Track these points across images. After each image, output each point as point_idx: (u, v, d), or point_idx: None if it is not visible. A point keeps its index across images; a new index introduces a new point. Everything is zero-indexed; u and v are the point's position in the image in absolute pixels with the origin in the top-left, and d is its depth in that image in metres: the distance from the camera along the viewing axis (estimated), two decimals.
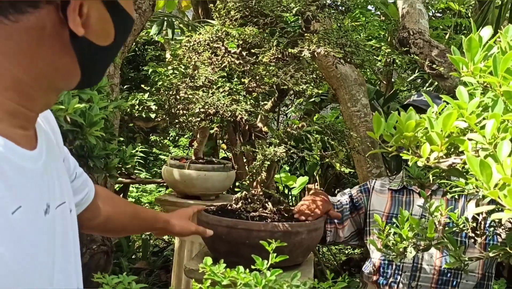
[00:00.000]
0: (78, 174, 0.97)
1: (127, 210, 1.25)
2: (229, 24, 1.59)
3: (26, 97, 0.65)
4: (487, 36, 0.93)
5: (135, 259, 3.76)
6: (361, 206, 2.04)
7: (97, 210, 1.10)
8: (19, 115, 0.66)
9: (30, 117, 0.68)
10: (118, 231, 1.35)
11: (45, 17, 0.62)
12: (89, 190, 1.02)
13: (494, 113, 0.79)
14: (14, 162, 0.63)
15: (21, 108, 0.65)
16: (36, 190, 0.67)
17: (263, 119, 1.67)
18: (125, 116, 2.90)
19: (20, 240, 0.61)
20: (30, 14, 0.61)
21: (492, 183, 0.70)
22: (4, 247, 0.58)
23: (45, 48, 0.64)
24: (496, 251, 1.16)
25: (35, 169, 0.68)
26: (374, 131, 0.90)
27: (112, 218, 1.17)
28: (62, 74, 0.68)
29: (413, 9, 2.19)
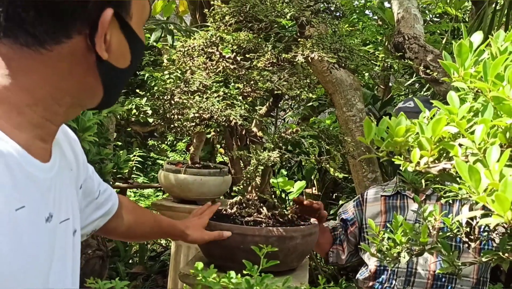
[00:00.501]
0: (102, 190, 1.09)
1: (148, 219, 1.37)
2: (224, 29, 1.59)
3: (52, 112, 0.76)
4: (478, 41, 0.94)
5: (132, 263, 3.75)
6: (354, 220, 2.06)
7: (120, 220, 1.21)
8: (43, 128, 0.75)
9: (51, 130, 0.78)
10: (139, 238, 1.51)
11: (76, 45, 0.73)
12: (113, 203, 1.14)
13: (483, 118, 0.79)
14: (26, 169, 0.71)
15: (45, 122, 0.75)
16: (41, 197, 0.75)
17: (258, 124, 1.67)
18: (121, 121, 2.90)
19: (20, 238, 0.68)
20: (63, 43, 0.72)
21: (481, 188, 0.70)
22: (4, 238, 0.64)
23: (74, 71, 0.75)
24: (489, 256, 1.16)
25: (44, 179, 0.76)
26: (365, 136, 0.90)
27: (134, 226, 1.28)
28: (87, 93, 0.79)
29: (408, 14, 2.20)
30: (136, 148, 4.65)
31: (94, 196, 1.06)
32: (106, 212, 1.12)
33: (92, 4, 0.72)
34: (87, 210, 1.05)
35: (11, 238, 0.65)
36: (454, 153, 0.80)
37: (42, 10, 0.70)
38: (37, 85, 0.73)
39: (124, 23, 0.77)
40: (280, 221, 1.62)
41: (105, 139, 1.50)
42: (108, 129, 1.68)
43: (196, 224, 1.49)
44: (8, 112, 0.71)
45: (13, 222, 0.66)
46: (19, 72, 0.72)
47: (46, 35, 0.71)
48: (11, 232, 0.66)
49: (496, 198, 0.64)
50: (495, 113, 0.82)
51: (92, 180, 1.04)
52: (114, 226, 1.19)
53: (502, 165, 0.69)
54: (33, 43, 0.71)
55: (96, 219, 1.10)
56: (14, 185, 0.68)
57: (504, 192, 0.64)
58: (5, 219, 0.65)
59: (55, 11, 0.70)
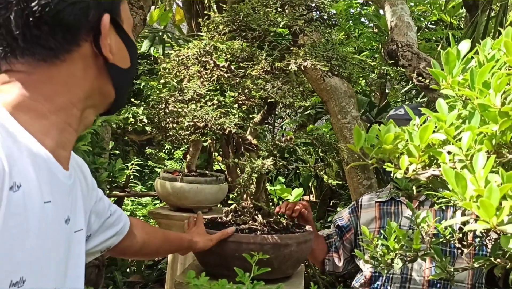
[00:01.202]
0: (112, 211, 1.17)
1: (158, 235, 1.42)
2: (218, 38, 1.61)
3: (71, 116, 0.84)
4: (466, 49, 0.95)
5: (129, 272, 3.74)
6: (350, 227, 2.07)
7: (133, 238, 1.28)
8: (65, 133, 0.84)
9: (71, 135, 0.86)
10: (152, 254, 1.53)
11: (85, 52, 0.83)
12: (125, 222, 1.22)
13: (470, 125, 0.80)
14: (51, 169, 0.80)
15: (67, 127, 0.84)
16: (62, 199, 0.83)
17: (252, 132, 1.68)
18: (118, 130, 2.91)
19: (46, 228, 0.76)
20: (74, 51, 0.81)
21: (467, 194, 0.71)
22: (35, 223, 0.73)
23: (87, 75, 0.84)
24: (481, 261, 1.17)
25: (65, 184, 0.84)
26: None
27: (146, 243, 1.34)
28: (101, 94, 0.88)
29: (401, 22, 2.21)
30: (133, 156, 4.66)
31: (107, 216, 1.14)
32: (118, 231, 1.18)
33: (92, 13, 0.82)
34: (99, 230, 1.13)
35: (40, 225, 0.74)
36: (442, 159, 0.81)
37: (53, 24, 0.79)
38: (57, 93, 0.82)
39: (119, 27, 0.87)
40: (275, 228, 1.62)
41: (100, 149, 1.51)
42: (103, 139, 1.69)
43: (198, 231, 1.53)
44: (35, 118, 0.79)
45: (43, 212, 0.75)
46: (40, 84, 0.81)
47: (59, 47, 0.80)
48: (41, 220, 0.74)
49: (481, 203, 0.65)
50: (482, 120, 0.83)
51: (103, 202, 1.12)
52: (128, 244, 1.26)
53: (487, 171, 0.70)
54: (49, 57, 0.80)
55: (110, 237, 1.16)
56: (43, 181, 0.76)
57: (489, 198, 0.65)
58: (37, 207, 0.74)
59: (63, 24, 0.79)
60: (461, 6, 4.11)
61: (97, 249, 1.14)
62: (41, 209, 0.75)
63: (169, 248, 1.51)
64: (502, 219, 0.65)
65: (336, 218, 2.15)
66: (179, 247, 1.52)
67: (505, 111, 0.76)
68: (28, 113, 0.79)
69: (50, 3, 0.78)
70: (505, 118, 0.76)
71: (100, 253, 1.18)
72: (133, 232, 1.27)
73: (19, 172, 0.72)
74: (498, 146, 0.81)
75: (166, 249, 1.51)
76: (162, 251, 1.53)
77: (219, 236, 1.49)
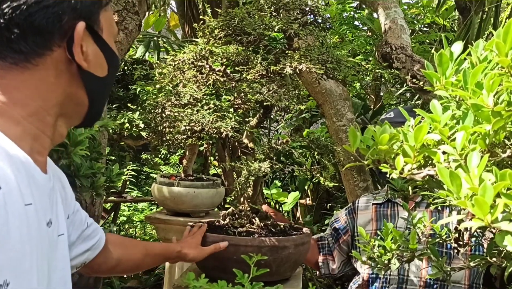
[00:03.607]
0: (89, 223, 1.16)
1: (138, 250, 1.40)
2: (213, 42, 1.62)
3: (45, 123, 0.83)
4: (458, 51, 0.96)
5: (126, 278, 3.74)
6: (347, 228, 2.08)
7: (109, 253, 1.26)
8: (38, 139, 0.83)
9: (45, 142, 0.85)
10: (132, 270, 1.50)
11: (58, 57, 0.81)
12: (100, 237, 1.20)
13: (464, 125, 0.82)
14: (30, 172, 0.79)
15: (40, 134, 0.83)
16: (43, 201, 0.82)
17: (249, 136, 1.69)
18: (114, 135, 2.91)
19: (29, 229, 0.75)
20: (47, 56, 0.80)
21: (462, 192, 0.72)
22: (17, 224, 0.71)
23: (60, 81, 0.83)
24: (477, 261, 1.18)
25: (44, 186, 0.84)
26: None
27: (123, 259, 1.33)
28: (74, 102, 0.86)
29: (395, 25, 2.23)
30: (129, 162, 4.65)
31: (83, 227, 1.13)
32: (94, 245, 1.17)
33: (66, 18, 0.80)
34: (77, 242, 1.12)
35: (21, 227, 0.73)
36: (437, 159, 0.83)
37: (24, 27, 0.77)
38: (29, 99, 0.81)
39: (97, 35, 0.86)
40: (273, 231, 1.63)
41: (97, 154, 1.51)
42: (100, 144, 1.69)
43: (191, 242, 1.51)
44: (8, 123, 0.78)
45: (24, 214, 0.74)
46: (12, 89, 0.80)
47: (30, 50, 0.79)
48: (22, 222, 0.73)
49: (475, 201, 0.66)
50: (476, 120, 0.84)
51: (80, 213, 1.12)
52: (103, 260, 1.24)
53: (481, 170, 0.71)
54: (21, 60, 0.79)
55: (86, 250, 1.15)
56: (22, 183, 0.75)
57: (483, 196, 0.66)
58: (19, 208, 0.73)
59: (35, 27, 0.78)
60: (454, 8, 4.14)
61: (73, 263, 1.12)
62: (22, 211, 0.74)
63: (153, 261, 1.48)
64: (496, 217, 0.66)
65: (333, 220, 2.16)
66: (166, 258, 1.52)
67: (497, 111, 0.77)
68: (2, 118, 0.78)
69: (22, 6, 0.77)
70: (498, 118, 0.77)
71: (75, 268, 1.16)
72: (108, 247, 1.26)
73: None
74: (492, 145, 0.82)
75: (149, 263, 1.46)
76: (144, 266, 1.47)
77: (212, 249, 1.49)
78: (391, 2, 2.38)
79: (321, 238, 2.12)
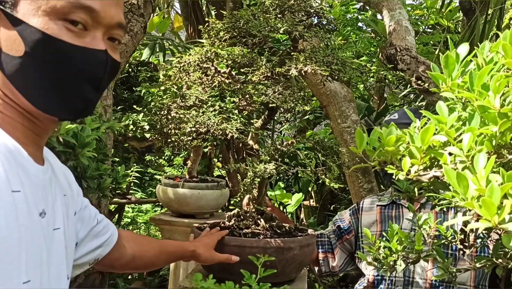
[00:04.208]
0: (99, 219, 1.14)
1: (153, 247, 1.39)
2: (219, 44, 1.62)
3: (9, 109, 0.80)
4: (464, 53, 0.97)
5: (131, 279, 3.74)
6: (351, 229, 2.07)
7: (123, 249, 1.25)
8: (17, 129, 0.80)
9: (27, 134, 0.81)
10: (147, 267, 1.47)
11: None
12: (112, 233, 1.18)
13: (470, 127, 0.82)
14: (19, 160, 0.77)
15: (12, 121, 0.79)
16: (34, 191, 0.79)
17: (253, 137, 1.70)
18: (119, 136, 2.92)
19: (17, 217, 0.73)
20: None
21: (469, 194, 0.72)
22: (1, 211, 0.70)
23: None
24: (483, 262, 1.18)
25: (37, 176, 0.81)
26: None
27: (138, 255, 1.31)
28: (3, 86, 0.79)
29: (399, 27, 2.24)
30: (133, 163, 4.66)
31: (93, 224, 1.12)
32: (106, 241, 1.16)
33: None
34: (86, 238, 1.11)
35: (7, 213, 0.71)
36: (443, 160, 0.83)
37: None
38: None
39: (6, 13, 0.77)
40: (278, 232, 1.63)
41: (104, 155, 1.52)
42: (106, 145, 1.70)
43: (206, 243, 1.51)
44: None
45: (11, 201, 0.72)
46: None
47: None
48: (8, 208, 0.72)
49: (482, 203, 0.66)
50: (482, 121, 0.84)
51: (89, 210, 1.11)
52: (118, 256, 1.23)
53: (488, 171, 0.71)
54: None
55: (97, 247, 1.14)
56: (10, 170, 0.74)
57: (491, 197, 0.67)
58: (5, 195, 0.71)
59: None
60: (458, 10, 4.13)
61: (85, 260, 1.12)
62: (9, 198, 0.72)
63: (167, 259, 1.47)
64: (503, 218, 0.66)
65: (337, 218, 2.16)
66: (179, 256, 1.51)
67: (504, 113, 0.78)
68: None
69: None
70: (505, 119, 0.78)
71: (88, 265, 1.15)
72: (123, 243, 1.25)
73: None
74: (498, 146, 0.82)
75: (163, 260, 1.46)
76: (159, 263, 1.47)
77: (223, 258, 1.48)
78: (395, 3, 2.38)
79: (321, 234, 2.12)
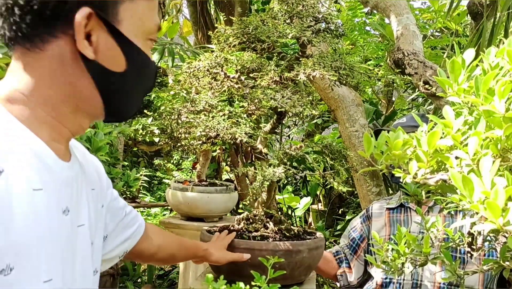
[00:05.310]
0: (127, 211, 1.17)
1: (174, 240, 1.44)
2: (228, 50, 1.65)
3: (59, 112, 0.81)
4: (470, 58, 0.98)
5: (140, 283, 3.77)
6: (363, 236, 2.09)
7: (150, 241, 1.29)
8: (55, 128, 0.81)
9: (63, 132, 0.83)
10: (168, 260, 1.52)
11: (64, 45, 0.78)
12: (139, 224, 1.22)
13: (476, 131, 0.84)
14: (44, 160, 0.77)
15: (56, 123, 0.81)
16: (58, 189, 0.80)
17: (262, 141, 1.72)
18: (129, 141, 2.96)
19: (36, 215, 0.73)
20: (51, 43, 0.78)
21: (474, 196, 0.74)
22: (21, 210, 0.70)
23: (67, 72, 0.79)
24: (491, 264, 1.19)
25: (60, 173, 0.81)
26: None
27: (162, 247, 1.35)
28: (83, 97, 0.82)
29: (407, 31, 2.25)
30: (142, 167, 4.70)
31: (121, 216, 1.14)
32: (134, 233, 1.19)
33: (70, 3, 0.76)
34: (115, 231, 1.13)
35: (27, 212, 0.71)
36: (450, 164, 0.84)
37: (25, 9, 0.76)
38: (41, 85, 0.79)
39: (111, 27, 0.80)
40: (287, 235, 1.65)
41: (115, 159, 1.55)
42: (117, 149, 1.73)
43: (218, 244, 1.54)
44: (24, 111, 0.78)
45: (31, 200, 0.72)
46: (26, 75, 0.79)
47: (31, 33, 0.77)
48: (28, 207, 0.72)
49: (487, 205, 0.68)
50: (488, 126, 0.86)
51: (117, 202, 1.13)
52: (145, 247, 1.26)
53: (494, 174, 0.73)
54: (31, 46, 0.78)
55: (126, 239, 1.16)
56: (32, 168, 0.74)
57: (495, 199, 0.68)
58: (24, 194, 0.71)
59: (34, 10, 0.76)
60: (466, 14, 4.13)
61: (115, 253, 1.14)
62: (30, 196, 0.72)
63: (185, 254, 1.50)
64: (508, 220, 0.68)
65: (349, 229, 2.18)
66: (195, 254, 1.53)
67: (509, 117, 0.79)
68: (18, 105, 0.78)
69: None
70: (510, 123, 0.79)
71: (118, 258, 1.17)
72: (149, 235, 1.28)
73: (0, 157, 0.70)
74: (503, 150, 0.84)
75: (182, 255, 1.49)
76: (178, 257, 1.51)
77: (235, 257, 1.51)
78: (403, 8, 2.40)
79: (337, 252, 2.14)
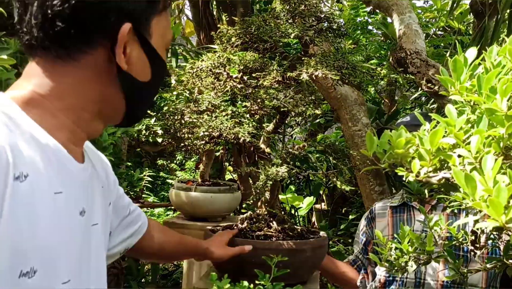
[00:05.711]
0: (131, 210, 1.19)
1: (176, 238, 1.44)
2: (230, 50, 1.65)
3: (81, 118, 0.84)
4: (473, 56, 0.98)
5: (144, 282, 3.78)
6: (369, 239, 2.10)
7: (152, 238, 1.30)
8: (73, 132, 0.84)
9: (80, 136, 0.87)
10: (169, 257, 1.56)
11: (99, 56, 0.82)
12: (142, 222, 1.24)
13: (478, 129, 0.84)
14: (62, 161, 0.80)
15: (75, 128, 0.84)
16: (75, 191, 0.83)
17: (265, 141, 1.72)
18: (132, 141, 2.97)
19: (58, 218, 0.76)
20: (89, 54, 0.81)
21: (477, 194, 0.74)
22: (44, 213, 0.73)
23: (98, 80, 0.83)
24: (494, 262, 1.19)
25: (78, 175, 0.85)
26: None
27: (164, 245, 1.36)
28: (109, 102, 0.86)
29: (409, 30, 2.25)
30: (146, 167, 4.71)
31: (125, 214, 1.16)
32: (136, 230, 1.20)
33: (113, 18, 0.80)
34: (118, 228, 1.15)
35: (50, 216, 0.74)
36: (452, 162, 0.85)
37: (69, 22, 0.78)
38: (67, 93, 0.82)
39: (144, 40, 0.85)
40: (290, 234, 1.65)
41: (119, 159, 1.55)
42: (121, 150, 1.74)
43: (219, 241, 1.54)
44: (43, 115, 0.80)
45: (53, 203, 0.75)
46: (52, 82, 0.81)
47: (72, 46, 0.80)
48: (50, 210, 0.75)
49: (490, 203, 0.68)
50: (490, 124, 0.86)
51: (123, 199, 1.15)
52: (147, 244, 1.28)
53: (496, 172, 0.73)
54: (63, 55, 0.81)
55: (128, 237, 1.18)
56: (52, 172, 0.77)
57: (498, 197, 0.68)
58: (47, 197, 0.74)
59: (79, 23, 0.79)
60: (469, 12, 4.13)
61: (117, 250, 1.16)
62: (51, 199, 0.75)
63: (185, 252, 1.51)
64: (510, 217, 0.68)
65: (358, 233, 2.19)
66: (195, 252, 1.53)
67: (511, 115, 0.79)
68: (38, 109, 0.79)
69: (70, 0, 0.77)
70: (511, 121, 0.79)
71: (119, 254, 1.19)
72: (151, 232, 1.29)
73: (25, 162, 0.72)
74: (506, 148, 0.84)
75: (182, 253, 1.50)
76: (178, 255, 1.53)
77: (237, 251, 1.50)
78: (405, 7, 2.40)
79: (354, 261, 2.15)
